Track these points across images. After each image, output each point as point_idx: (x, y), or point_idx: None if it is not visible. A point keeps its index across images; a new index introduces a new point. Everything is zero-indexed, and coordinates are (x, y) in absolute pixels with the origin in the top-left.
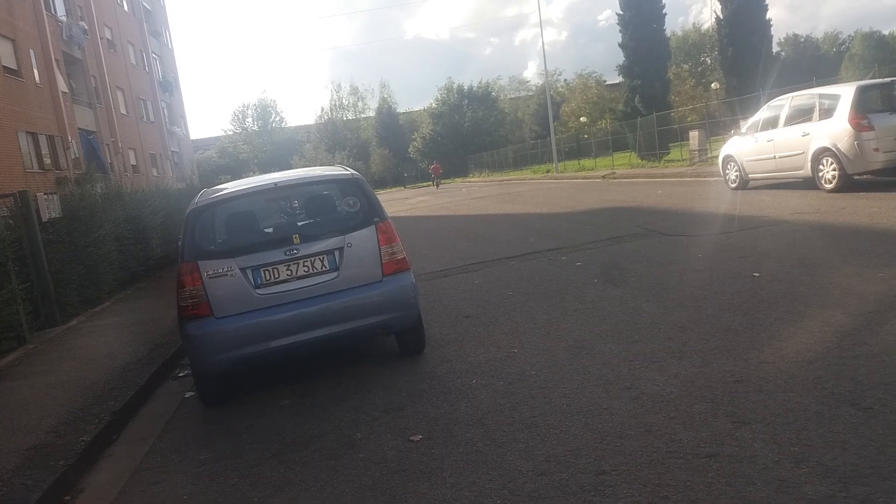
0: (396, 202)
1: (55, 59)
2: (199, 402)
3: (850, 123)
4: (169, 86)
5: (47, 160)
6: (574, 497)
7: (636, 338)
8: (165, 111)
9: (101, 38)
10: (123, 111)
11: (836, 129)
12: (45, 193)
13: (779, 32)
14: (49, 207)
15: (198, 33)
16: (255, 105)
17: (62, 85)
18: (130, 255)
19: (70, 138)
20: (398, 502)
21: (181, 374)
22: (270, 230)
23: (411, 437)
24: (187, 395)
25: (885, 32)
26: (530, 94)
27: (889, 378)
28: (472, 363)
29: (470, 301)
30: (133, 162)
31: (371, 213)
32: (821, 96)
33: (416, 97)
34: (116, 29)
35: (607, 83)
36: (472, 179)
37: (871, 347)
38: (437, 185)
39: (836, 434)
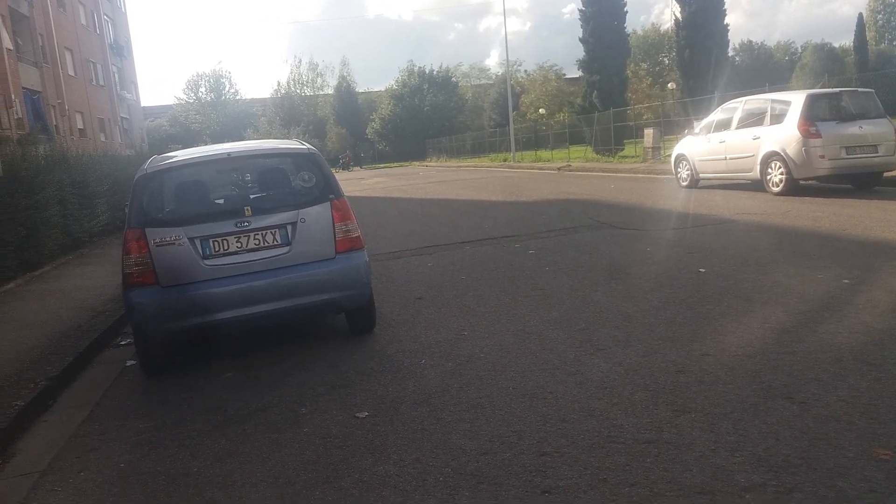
0: (352, 182)
1: (0, 14)
2: (141, 372)
3: (799, 130)
4: (121, 50)
5: None
6: (516, 477)
7: (583, 325)
8: (116, 75)
9: None
10: (71, 73)
11: (785, 135)
12: None
13: (735, 38)
14: None
15: None
16: (209, 75)
17: (7, 41)
18: (74, 220)
19: (13, 97)
20: (341, 476)
21: (123, 343)
22: (221, 201)
23: (357, 414)
24: (128, 364)
25: (836, 45)
26: (491, 82)
27: (823, 374)
28: (421, 344)
29: (422, 283)
30: (80, 126)
31: (326, 190)
32: (772, 102)
33: (376, 77)
34: None
35: (567, 77)
36: (430, 164)
37: (807, 345)
38: (350, 169)
39: (771, 426)
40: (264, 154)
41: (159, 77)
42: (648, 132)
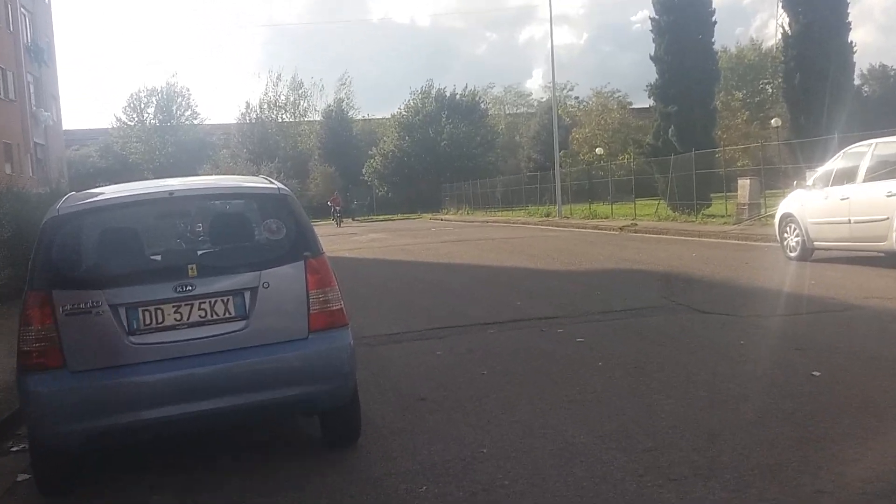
0: (341, 238)
1: None
2: (36, 490)
3: None
4: (40, 53)
5: None
6: None
7: (650, 445)
8: (32, 87)
9: None
10: None
11: None
12: None
13: (863, 61)
14: None
15: None
16: (160, 91)
17: None
18: None
19: None
20: None
21: (14, 448)
22: (158, 257)
23: None
24: (20, 479)
25: None
26: (532, 111)
27: None
28: (423, 463)
29: (428, 379)
30: None
31: (300, 244)
32: None
33: (378, 102)
34: None
35: (634, 107)
36: (447, 216)
37: None
38: (339, 223)
39: None
40: (220, 194)
41: (90, 93)
42: (744, 183)
